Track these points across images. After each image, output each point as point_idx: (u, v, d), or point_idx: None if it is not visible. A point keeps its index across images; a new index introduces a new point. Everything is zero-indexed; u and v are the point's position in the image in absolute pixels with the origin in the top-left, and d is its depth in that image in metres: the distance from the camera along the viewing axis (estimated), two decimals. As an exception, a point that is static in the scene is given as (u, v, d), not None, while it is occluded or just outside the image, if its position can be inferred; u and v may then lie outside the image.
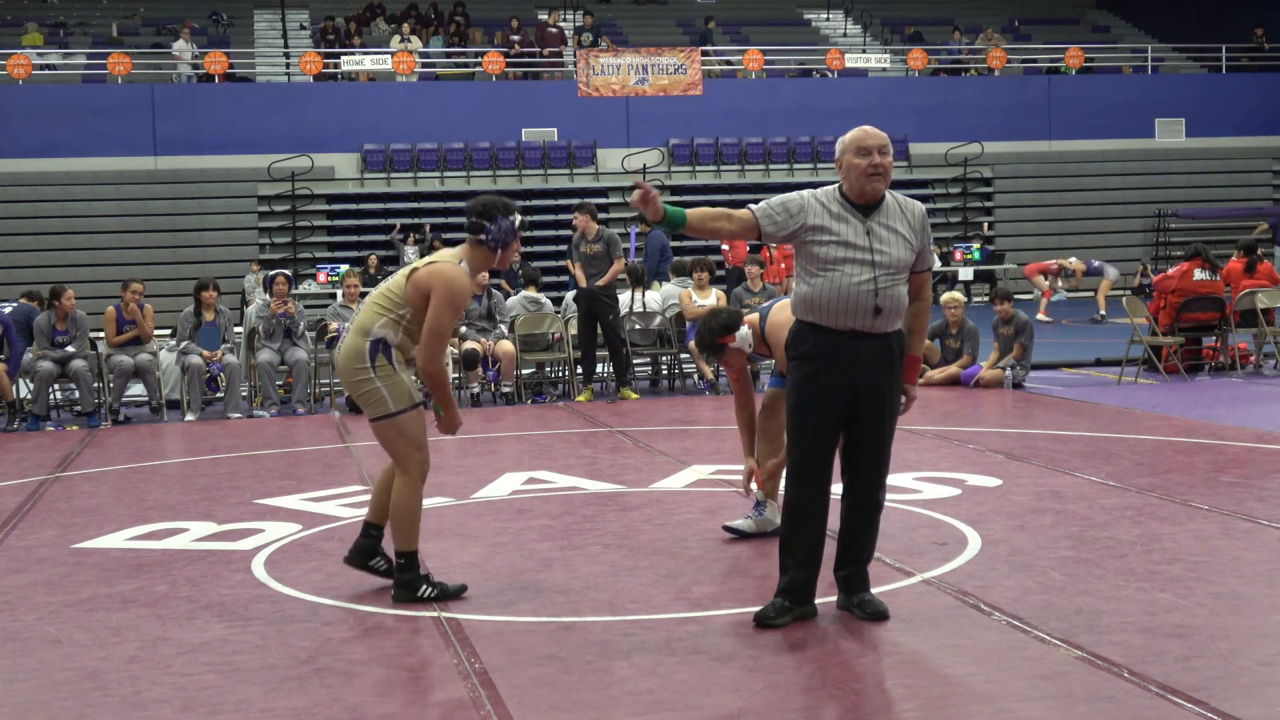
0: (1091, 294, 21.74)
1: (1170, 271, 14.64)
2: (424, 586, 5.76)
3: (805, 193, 5.32)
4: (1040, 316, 20.11)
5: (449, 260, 5.75)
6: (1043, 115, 28.35)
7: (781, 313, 6.44)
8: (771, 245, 13.85)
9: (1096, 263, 22.06)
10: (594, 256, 12.95)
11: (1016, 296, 14.89)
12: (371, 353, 5.69)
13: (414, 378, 5.88)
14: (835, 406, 5.26)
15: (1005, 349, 13.27)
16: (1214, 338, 14.40)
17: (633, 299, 13.88)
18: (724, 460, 9.24)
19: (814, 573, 5.37)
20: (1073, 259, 22.39)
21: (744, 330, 6.70)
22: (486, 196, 5.93)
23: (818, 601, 5.39)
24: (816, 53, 29.12)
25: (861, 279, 5.16)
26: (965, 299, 14.41)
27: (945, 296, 13.91)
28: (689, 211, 5.27)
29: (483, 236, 5.79)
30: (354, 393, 5.80)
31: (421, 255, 22.76)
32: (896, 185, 25.30)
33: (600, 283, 12.95)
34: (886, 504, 5.56)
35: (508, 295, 15.36)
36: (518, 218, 5.87)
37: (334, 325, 13.28)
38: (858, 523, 5.42)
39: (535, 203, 25.88)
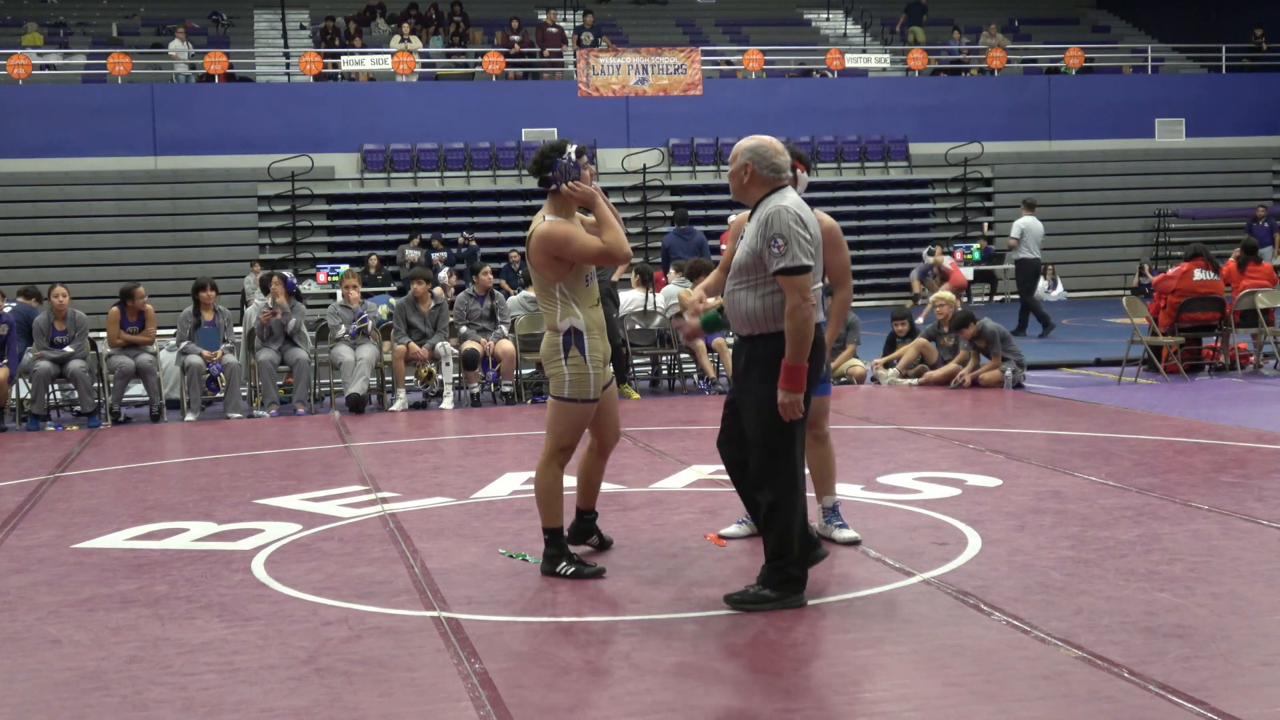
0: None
1: (1170, 272, 14.63)
2: (563, 564, 6.19)
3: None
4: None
5: (539, 224, 6.18)
6: (1043, 115, 28.34)
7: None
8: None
9: (948, 263, 22.28)
10: None
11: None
12: (564, 345, 6.18)
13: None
14: (732, 399, 5.83)
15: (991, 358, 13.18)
16: (1214, 338, 14.40)
17: (646, 298, 13.90)
18: (724, 460, 9.22)
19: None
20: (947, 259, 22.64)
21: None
22: (539, 150, 6.29)
23: (816, 602, 5.39)
24: (816, 53, 29.11)
25: (729, 285, 5.55)
26: (953, 297, 14.29)
27: (935, 296, 13.89)
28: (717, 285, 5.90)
29: (552, 185, 6.22)
30: (547, 371, 6.32)
31: (424, 256, 22.96)
32: (897, 185, 25.06)
33: (614, 277, 13.07)
34: (887, 504, 5.57)
35: (508, 295, 15.36)
36: (571, 150, 6.23)
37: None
38: (758, 520, 5.83)
39: (535, 203, 25.86)
